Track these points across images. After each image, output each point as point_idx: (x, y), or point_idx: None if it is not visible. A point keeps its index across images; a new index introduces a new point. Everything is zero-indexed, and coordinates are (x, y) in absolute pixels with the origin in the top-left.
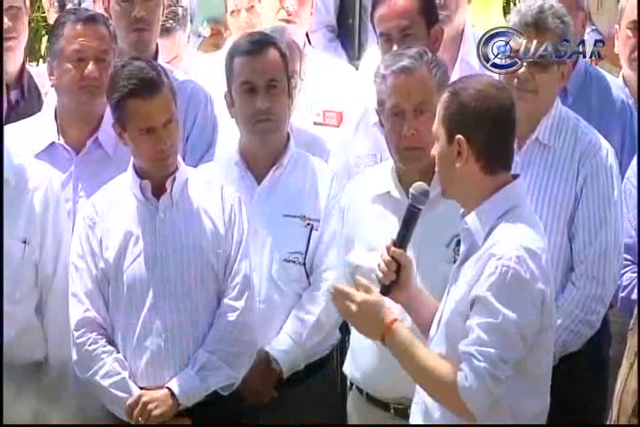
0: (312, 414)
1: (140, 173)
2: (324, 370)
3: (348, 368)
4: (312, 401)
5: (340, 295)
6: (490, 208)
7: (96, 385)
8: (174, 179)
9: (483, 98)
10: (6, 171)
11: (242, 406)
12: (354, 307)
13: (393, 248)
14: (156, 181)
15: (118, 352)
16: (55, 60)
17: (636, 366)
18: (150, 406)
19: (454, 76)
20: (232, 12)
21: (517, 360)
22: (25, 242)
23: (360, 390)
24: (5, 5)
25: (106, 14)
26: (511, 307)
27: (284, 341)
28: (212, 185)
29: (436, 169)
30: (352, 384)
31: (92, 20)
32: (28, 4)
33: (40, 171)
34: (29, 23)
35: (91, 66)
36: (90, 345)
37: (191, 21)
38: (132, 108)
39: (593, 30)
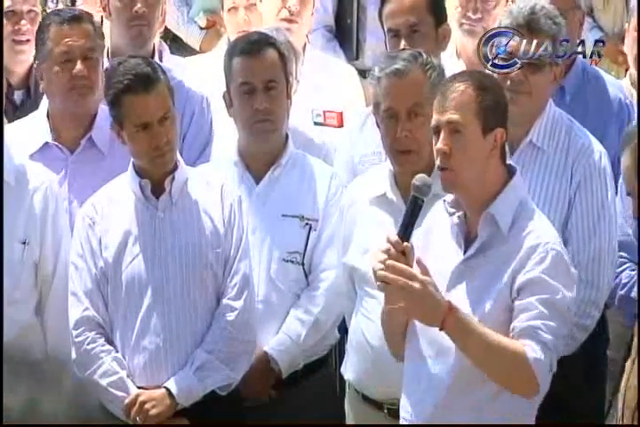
0: (311, 414)
1: (139, 173)
2: (323, 370)
3: (345, 369)
4: (311, 401)
5: (397, 272)
6: (510, 197)
7: (94, 384)
8: (173, 178)
9: (503, 92)
10: (6, 172)
11: (240, 406)
12: (417, 285)
13: (405, 243)
14: (156, 180)
15: (117, 351)
16: (43, 64)
17: (637, 362)
18: (147, 406)
19: None
20: (229, 9)
21: None
22: (24, 243)
23: (356, 390)
24: (26, 8)
25: (103, 13)
26: (565, 286)
27: (283, 340)
28: (211, 184)
29: (459, 163)
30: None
31: (75, 19)
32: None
33: (40, 172)
34: None
35: (79, 65)
36: (88, 344)
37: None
38: (127, 103)
39: (594, 27)
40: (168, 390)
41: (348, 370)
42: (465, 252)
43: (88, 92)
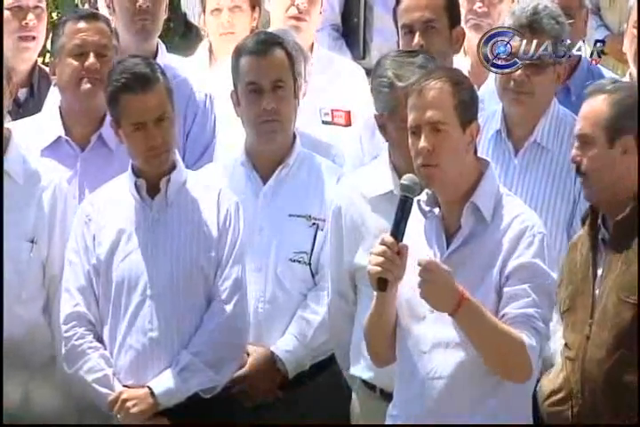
0: (316, 414)
1: (136, 173)
2: (330, 370)
3: (357, 368)
4: (317, 401)
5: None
6: (489, 187)
7: (80, 380)
8: (169, 179)
9: (473, 85)
10: (15, 170)
11: (230, 408)
12: (432, 274)
13: (401, 243)
14: (153, 180)
15: (105, 349)
16: (57, 58)
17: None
18: (129, 404)
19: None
20: (212, 10)
21: None
22: (32, 241)
23: (370, 387)
24: (32, 3)
25: (107, 10)
26: (551, 268)
27: (290, 341)
28: (209, 188)
29: (445, 159)
30: (363, 383)
31: (92, 16)
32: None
33: (49, 170)
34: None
35: (91, 58)
36: (77, 340)
37: None
38: (124, 102)
39: (601, 26)
40: (150, 389)
41: (363, 369)
42: (447, 246)
43: (100, 84)
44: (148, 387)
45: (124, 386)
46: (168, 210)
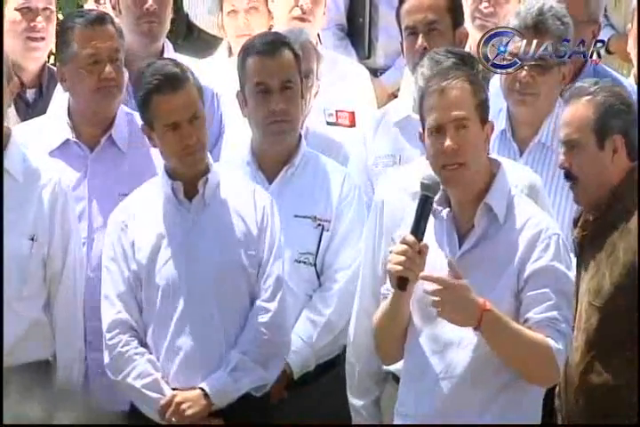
0: (321, 414)
1: (171, 175)
2: (335, 370)
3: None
4: (322, 401)
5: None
6: (502, 187)
7: (128, 387)
8: (206, 180)
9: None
10: (15, 168)
11: (270, 408)
12: (448, 293)
13: (422, 243)
14: (188, 182)
15: (151, 353)
16: (67, 66)
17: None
18: (183, 406)
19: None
20: (229, 12)
21: None
22: (32, 239)
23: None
24: (41, 5)
25: (113, 11)
26: (569, 269)
27: (295, 342)
28: (243, 188)
29: (470, 157)
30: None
31: (99, 20)
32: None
33: (49, 168)
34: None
35: (108, 68)
36: (122, 347)
37: None
38: (156, 103)
39: (607, 26)
40: (203, 390)
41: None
42: (459, 246)
43: (115, 92)
44: (201, 388)
45: (173, 389)
46: (206, 211)
